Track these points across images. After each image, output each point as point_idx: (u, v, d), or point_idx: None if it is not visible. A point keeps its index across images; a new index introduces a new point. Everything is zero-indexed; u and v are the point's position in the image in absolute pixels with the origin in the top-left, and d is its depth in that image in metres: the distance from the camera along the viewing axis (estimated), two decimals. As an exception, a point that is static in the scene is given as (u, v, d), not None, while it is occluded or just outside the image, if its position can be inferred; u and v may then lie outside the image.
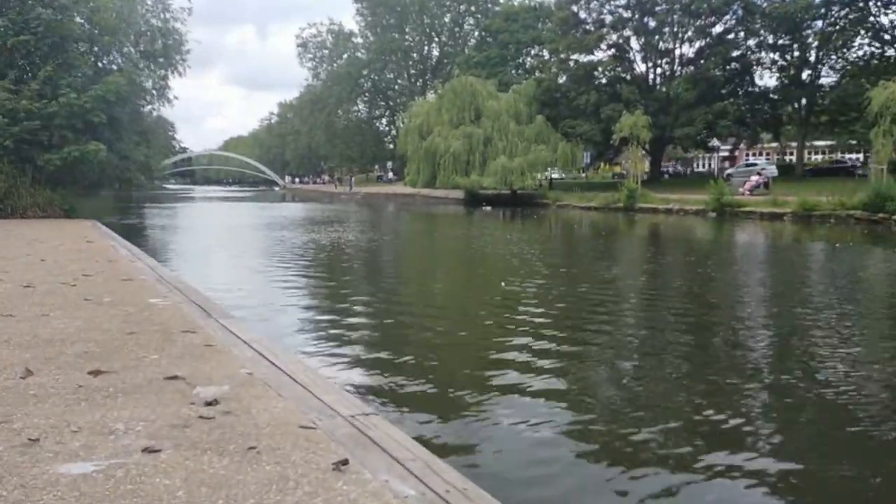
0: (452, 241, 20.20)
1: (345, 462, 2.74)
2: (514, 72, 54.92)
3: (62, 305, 5.87)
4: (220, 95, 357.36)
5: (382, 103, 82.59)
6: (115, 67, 21.46)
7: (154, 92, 23.79)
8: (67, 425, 3.07)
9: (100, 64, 20.91)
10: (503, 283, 11.55)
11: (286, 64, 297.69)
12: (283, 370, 4.13)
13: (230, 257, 15.15)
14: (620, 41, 46.38)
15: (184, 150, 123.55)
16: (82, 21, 19.73)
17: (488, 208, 39.01)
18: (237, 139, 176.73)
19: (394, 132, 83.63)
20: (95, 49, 20.49)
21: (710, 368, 6.18)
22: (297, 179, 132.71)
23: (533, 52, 56.93)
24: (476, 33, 70.94)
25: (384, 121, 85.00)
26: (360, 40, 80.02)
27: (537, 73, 50.64)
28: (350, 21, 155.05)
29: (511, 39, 55.17)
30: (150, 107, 24.25)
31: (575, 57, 46.20)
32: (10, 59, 18.27)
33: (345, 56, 78.85)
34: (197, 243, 18.97)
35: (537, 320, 8.08)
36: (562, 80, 46.36)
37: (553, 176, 47.96)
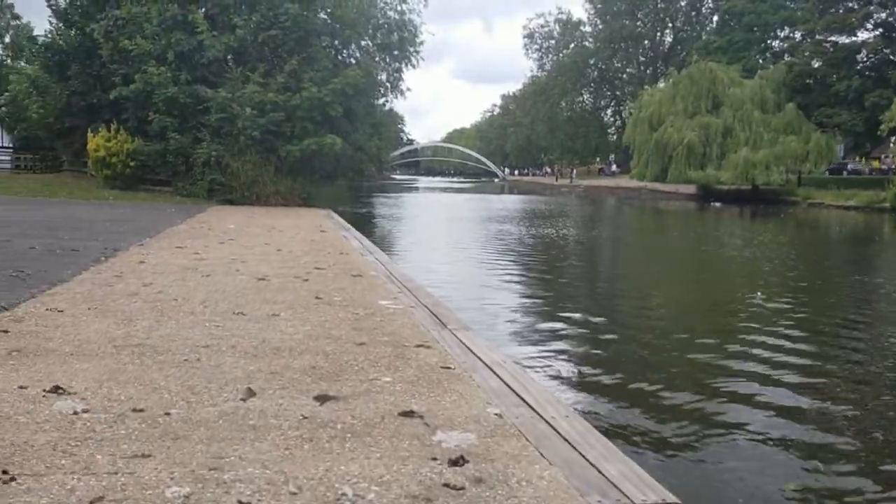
0: (688, 242, 18.45)
1: None
2: (758, 57, 50.50)
3: (293, 304, 5.48)
4: (446, 88, 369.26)
5: (608, 93, 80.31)
6: (353, 61, 22.10)
7: (388, 84, 24.30)
8: (286, 481, 2.41)
9: (339, 57, 21.60)
10: (760, 294, 10.04)
11: (510, 57, 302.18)
12: (539, 413, 3.26)
13: (451, 251, 14.77)
14: (890, 19, 40.77)
15: (410, 141, 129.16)
16: (325, 16, 20.41)
17: (717, 204, 36.18)
18: (459, 131, 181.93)
19: (618, 123, 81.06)
20: (336, 43, 21.16)
21: None
22: (515, 171, 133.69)
23: (782, 34, 51.97)
24: (715, 17, 66.46)
25: (609, 111, 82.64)
26: (588, 29, 78.41)
27: (787, 58, 46.08)
28: (578, 10, 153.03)
29: (757, 21, 50.76)
30: (384, 98, 24.80)
31: (833, 38, 41.35)
32: (260, 54, 19.32)
33: (571, 45, 77.53)
34: (421, 234, 18.95)
35: (792, 339, 6.71)
36: (816, 64, 41.75)
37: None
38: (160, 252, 8.24)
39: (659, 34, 75.13)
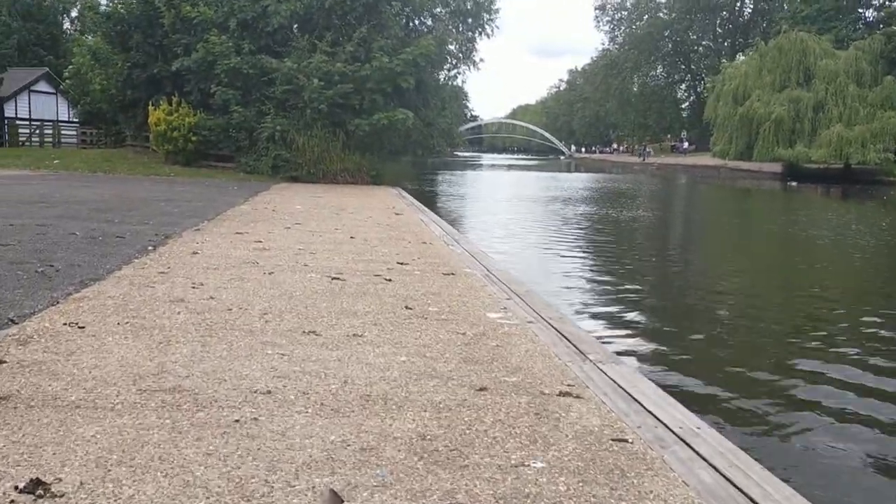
0: (802, 228, 16.57)
1: None
2: (851, 27, 46.97)
3: (378, 318, 4.25)
4: (510, 63, 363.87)
5: (682, 67, 76.81)
6: (424, 29, 20.78)
7: (460, 55, 22.87)
8: None
9: (410, 25, 20.28)
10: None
11: (577, 31, 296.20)
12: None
13: (533, 237, 13.38)
14: None
15: (475, 118, 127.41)
16: (396, -20, 19.06)
17: (794, 184, 33.97)
18: (524, 107, 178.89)
19: (692, 98, 77.77)
20: (407, 10, 19.80)
21: None
22: (582, 149, 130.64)
23: (876, 2, 48.22)
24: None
25: (683, 86, 79.15)
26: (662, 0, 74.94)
27: (881, 27, 42.63)
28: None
29: (850, -13, 47.20)
30: (455, 70, 23.37)
31: (936, 5, 37.95)
32: (327, 21, 18.12)
33: (645, 17, 74.30)
34: (496, 217, 17.47)
35: None
36: (916, 32, 38.43)
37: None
38: (217, 240, 7.14)
39: (738, 4, 71.30)
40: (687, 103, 79.63)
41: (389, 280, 5.41)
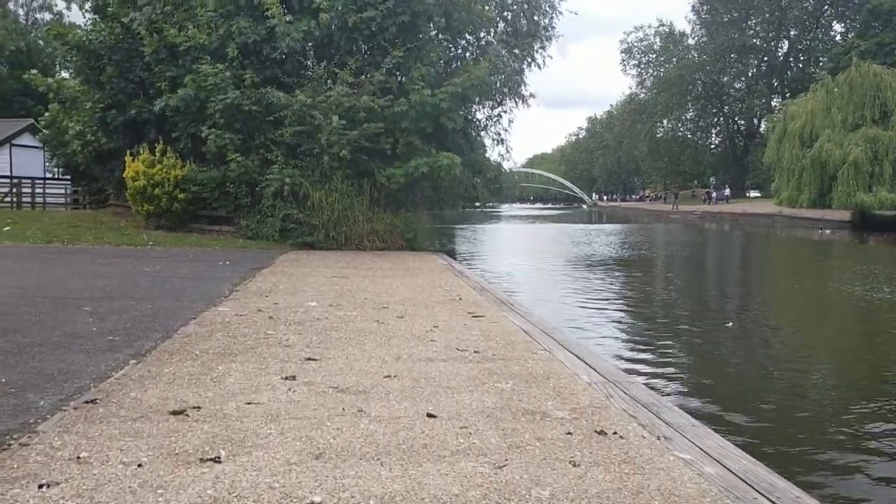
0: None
1: None
2: (916, 60, 42.97)
3: None
4: (520, 114, 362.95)
5: (714, 110, 73.06)
6: (468, 57, 16.89)
7: (505, 89, 18.89)
8: None
9: (451, 51, 16.39)
10: None
11: (584, 82, 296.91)
12: None
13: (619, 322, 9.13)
14: None
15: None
16: (437, -6, 15.16)
17: (827, 231, 30.18)
18: (541, 156, 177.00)
19: (727, 142, 73.96)
20: (449, 33, 15.92)
21: None
22: (604, 196, 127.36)
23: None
24: (835, 24, 59.46)
25: (716, 130, 75.35)
26: (692, 41, 71.68)
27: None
28: (680, 22, 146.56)
29: (912, 20, 43.37)
30: (499, 108, 19.36)
31: None
32: (349, 45, 14.24)
33: (674, 60, 70.92)
34: (558, 289, 13.16)
35: None
36: None
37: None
38: (112, 446, 2.92)
39: (774, 44, 67.81)
40: (719, 148, 75.82)
41: None
